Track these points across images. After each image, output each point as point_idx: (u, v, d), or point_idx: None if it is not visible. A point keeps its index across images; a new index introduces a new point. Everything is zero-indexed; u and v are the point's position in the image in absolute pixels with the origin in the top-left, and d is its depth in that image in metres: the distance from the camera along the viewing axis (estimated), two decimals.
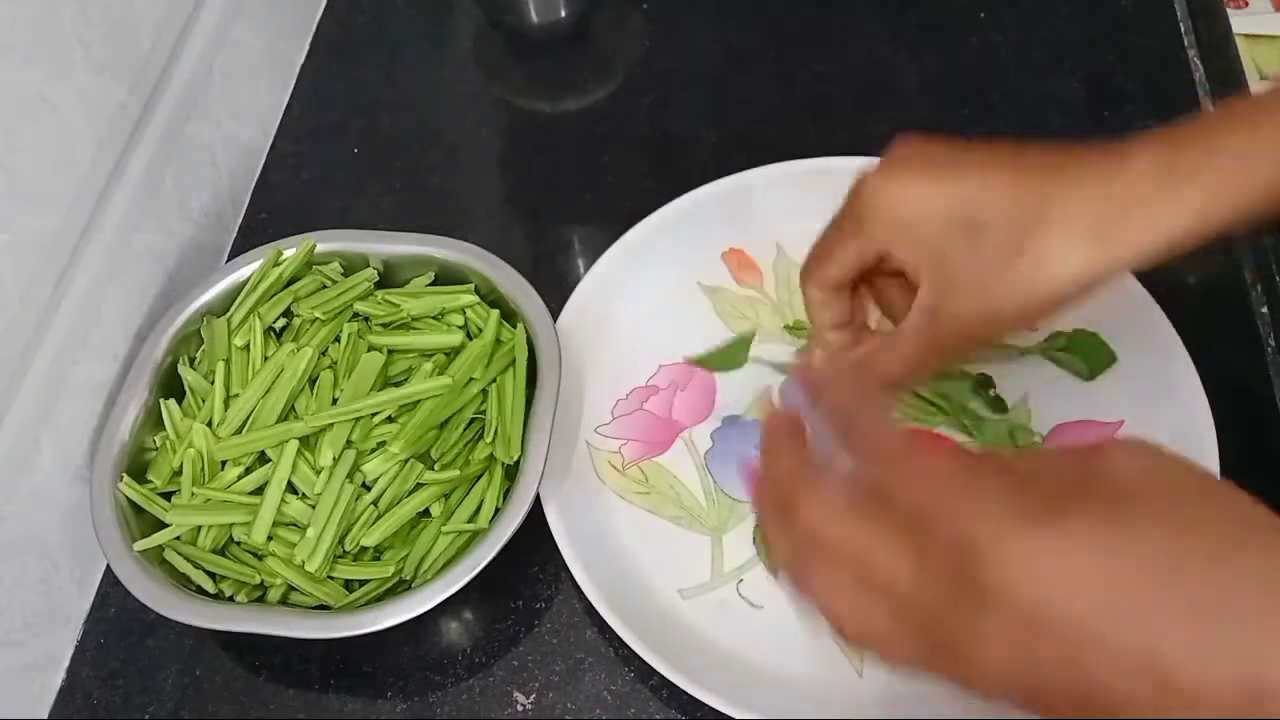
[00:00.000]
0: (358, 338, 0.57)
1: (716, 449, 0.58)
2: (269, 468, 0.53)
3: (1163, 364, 0.57)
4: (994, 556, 0.29)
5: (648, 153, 0.73)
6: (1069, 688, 0.28)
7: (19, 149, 0.50)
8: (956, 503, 0.30)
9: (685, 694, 0.49)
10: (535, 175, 0.73)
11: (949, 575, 0.30)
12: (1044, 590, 0.28)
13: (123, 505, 0.53)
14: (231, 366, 0.56)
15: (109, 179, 0.58)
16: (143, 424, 0.56)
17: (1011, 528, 0.29)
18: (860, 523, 0.32)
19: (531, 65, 0.80)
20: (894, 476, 0.33)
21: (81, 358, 0.55)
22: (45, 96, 0.52)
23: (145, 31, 0.60)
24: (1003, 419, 0.57)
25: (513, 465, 0.54)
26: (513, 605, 0.55)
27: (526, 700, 0.53)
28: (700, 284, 0.64)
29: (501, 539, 0.50)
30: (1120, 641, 0.27)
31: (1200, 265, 0.64)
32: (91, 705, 0.54)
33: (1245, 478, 0.52)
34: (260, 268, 0.60)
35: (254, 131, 0.74)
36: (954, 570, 0.30)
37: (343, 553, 0.52)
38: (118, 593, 0.57)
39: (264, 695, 0.54)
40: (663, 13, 0.80)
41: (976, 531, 0.29)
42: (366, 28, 0.83)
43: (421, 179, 0.73)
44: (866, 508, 0.33)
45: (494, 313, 0.58)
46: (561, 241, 0.70)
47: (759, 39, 0.78)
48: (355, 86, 0.79)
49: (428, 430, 0.54)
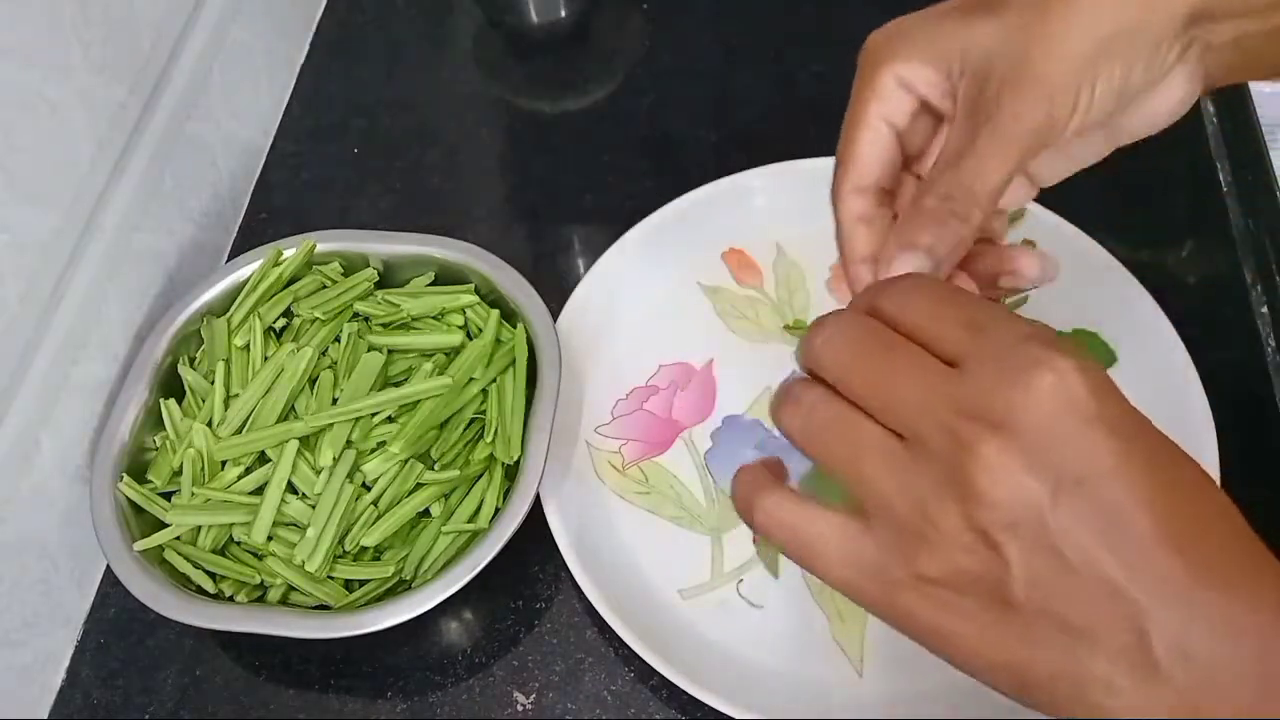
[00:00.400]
0: (358, 338, 0.57)
1: (716, 449, 0.58)
2: (269, 468, 0.53)
3: (1163, 364, 0.57)
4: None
5: (648, 153, 0.73)
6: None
7: (19, 149, 0.50)
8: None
9: (685, 694, 0.49)
10: (535, 175, 0.73)
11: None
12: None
13: (123, 505, 0.53)
14: (231, 366, 0.56)
15: (109, 179, 0.58)
16: (143, 424, 0.56)
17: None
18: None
19: (531, 65, 0.80)
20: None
21: (81, 358, 0.55)
22: (45, 96, 0.52)
23: (145, 31, 0.60)
24: None
25: (513, 465, 0.54)
26: (513, 605, 0.55)
27: (526, 700, 0.53)
28: (700, 284, 0.64)
29: (501, 539, 0.50)
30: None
31: (1200, 265, 0.64)
32: (91, 705, 0.54)
33: (1245, 478, 0.53)
34: (260, 268, 0.60)
35: (254, 131, 0.74)
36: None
37: (343, 553, 0.52)
38: (118, 593, 0.57)
39: (264, 695, 0.54)
40: (663, 13, 0.80)
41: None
42: (366, 28, 0.83)
43: (421, 179, 0.73)
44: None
45: (494, 313, 0.58)
46: (561, 241, 0.70)
47: (759, 39, 0.78)
48: (355, 86, 0.79)
49: (428, 430, 0.54)
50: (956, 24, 0.37)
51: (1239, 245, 0.64)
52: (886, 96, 0.39)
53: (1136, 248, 0.62)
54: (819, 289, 0.63)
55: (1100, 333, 0.59)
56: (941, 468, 0.30)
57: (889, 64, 0.39)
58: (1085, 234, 0.60)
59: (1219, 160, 0.68)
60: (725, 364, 0.61)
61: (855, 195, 0.40)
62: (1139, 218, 0.65)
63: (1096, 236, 0.60)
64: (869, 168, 0.40)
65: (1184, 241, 0.65)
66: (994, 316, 0.31)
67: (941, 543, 0.30)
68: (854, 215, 0.40)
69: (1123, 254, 0.60)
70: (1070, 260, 0.61)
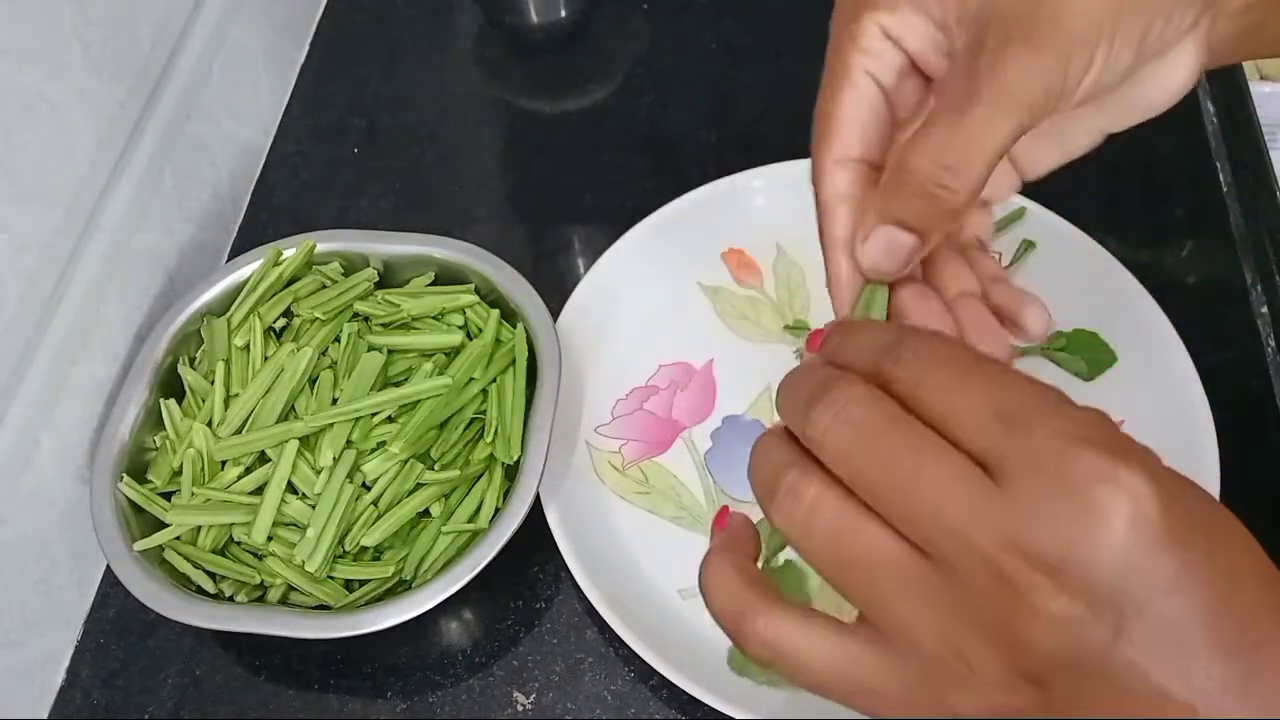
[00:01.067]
0: (358, 338, 0.57)
1: (716, 449, 0.58)
2: (269, 468, 0.53)
3: (1163, 364, 0.57)
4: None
5: (648, 153, 0.73)
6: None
7: (19, 149, 0.50)
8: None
9: (685, 694, 0.49)
10: (535, 175, 0.73)
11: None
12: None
13: (123, 505, 0.53)
14: (231, 366, 0.56)
15: (109, 179, 0.58)
16: (143, 424, 0.56)
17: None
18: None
19: (531, 65, 0.80)
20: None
21: (81, 358, 0.55)
22: (45, 96, 0.52)
23: (145, 31, 0.60)
24: None
25: (513, 465, 0.54)
26: (513, 605, 0.55)
27: (526, 700, 0.53)
28: (700, 284, 0.64)
29: (501, 539, 0.50)
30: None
31: (1200, 265, 0.64)
32: (91, 705, 0.54)
33: (1245, 478, 0.53)
34: (260, 268, 0.60)
35: (254, 131, 0.74)
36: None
37: (343, 553, 0.52)
38: (118, 593, 0.57)
39: (264, 695, 0.54)
40: (663, 13, 0.80)
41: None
42: (366, 28, 0.83)
43: (421, 179, 0.73)
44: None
45: (494, 313, 0.58)
46: (561, 241, 0.70)
47: (759, 39, 0.78)
48: (355, 86, 0.79)
49: (428, 430, 0.54)
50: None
51: (1239, 245, 0.64)
52: (871, 49, 0.33)
53: (1136, 248, 0.62)
54: (819, 289, 0.62)
55: (1100, 333, 0.59)
56: (982, 607, 0.25)
57: (871, 11, 0.33)
58: (1085, 234, 0.60)
59: (1219, 160, 0.68)
60: (725, 364, 0.61)
61: (838, 168, 0.35)
62: (1139, 218, 0.65)
63: (1096, 236, 0.60)
64: (853, 134, 0.34)
65: (1184, 241, 0.65)
66: (1033, 404, 0.27)
67: (979, 684, 0.26)
68: (836, 192, 0.34)
69: (1123, 254, 0.60)
70: (1070, 260, 0.61)
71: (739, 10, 0.80)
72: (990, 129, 0.30)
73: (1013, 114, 0.30)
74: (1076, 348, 0.58)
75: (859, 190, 0.34)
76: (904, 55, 0.34)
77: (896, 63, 0.34)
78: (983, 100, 0.30)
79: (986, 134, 0.30)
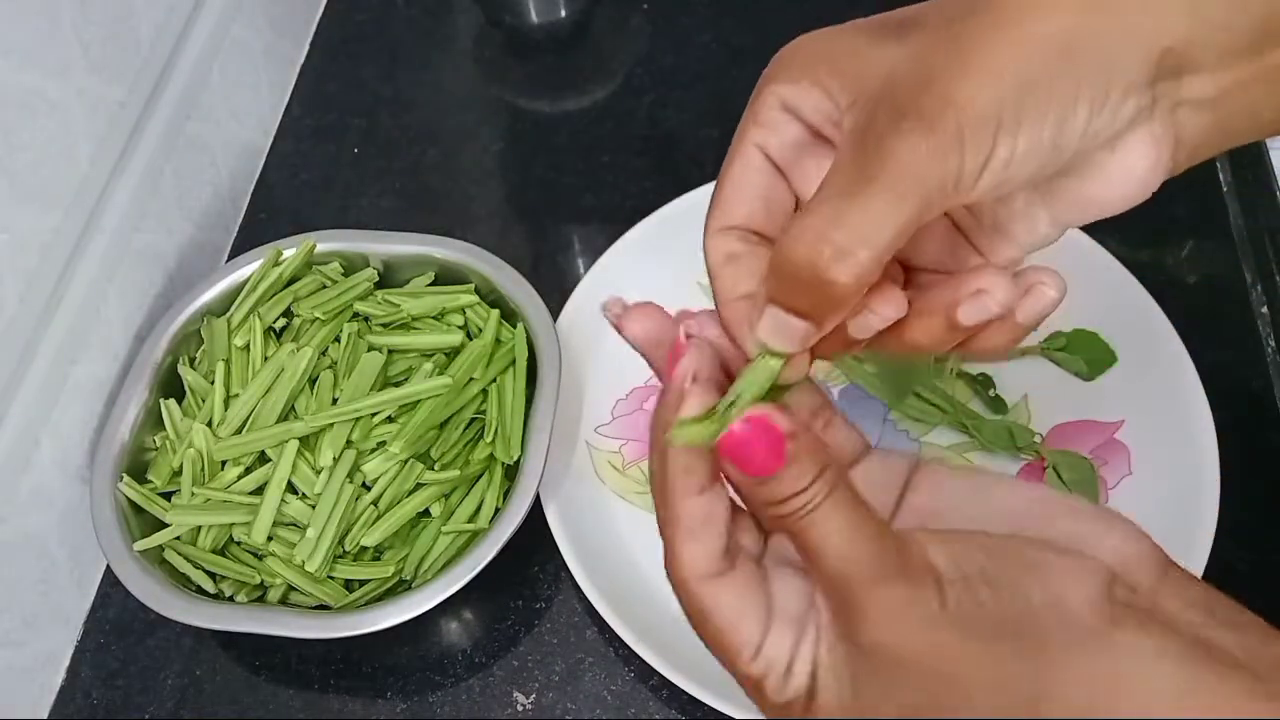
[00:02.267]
0: (358, 338, 0.57)
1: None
2: (269, 468, 0.53)
3: (1163, 364, 0.57)
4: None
5: (648, 153, 0.73)
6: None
7: (19, 149, 0.50)
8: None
9: (685, 694, 0.49)
10: (535, 175, 0.73)
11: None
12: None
13: (123, 505, 0.53)
14: (231, 366, 0.56)
15: (109, 178, 0.58)
16: (143, 424, 0.56)
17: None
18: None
19: (531, 65, 0.80)
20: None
21: (81, 358, 0.55)
22: (45, 96, 0.52)
23: (145, 31, 0.60)
24: (1003, 419, 0.57)
25: (513, 465, 0.54)
26: (513, 605, 0.55)
27: (526, 700, 0.53)
28: (700, 284, 0.64)
29: (501, 539, 0.50)
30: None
31: (1200, 265, 0.64)
32: (91, 705, 0.54)
33: (1245, 478, 0.53)
34: (260, 268, 0.60)
35: (254, 131, 0.74)
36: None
37: (343, 553, 0.52)
38: (118, 593, 0.57)
39: (264, 695, 0.54)
40: (663, 13, 0.80)
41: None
42: (366, 28, 0.83)
43: (421, 179, 0.73)
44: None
45: (494, 313, 0.58)
46: (561, 241, 0.70)
47: (759, 39, 0.78)
48: (355, 86, 0.79)
49: (428, 430, 0.54)
50: (864, 42, 0.31)
51: (1239, 245, 0.64)
52: (766, 122, 0.33)
53: (1136, 248, 0.62)
54: None
55: (1100, 333, 0.59)
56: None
57: (773, 84, 0.32)
58: (1085, 234, 0.60)
59: (1219, 160, 0.68)
60: None
61: (720, 236, 0.35)
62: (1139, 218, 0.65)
63: (1096, 236, 0.60)
64: (737, 204, 0.34)
65: (1184, 241, 0.65)
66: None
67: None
68: (721, 254, 0.35)
69: (1123, 254, 0.60)
70: (1070, 260, 0.61)
71: (739, 10, 0.80)
72: (875, 219, 0.27)
73: (902, 203, 0.27)
74: (1076, 348, 0.59)
75: (742, 249, 0.34)
76: (803, 126, 0.32)
77: (793, 135, 0.33)
78: (868, 187, 0.27)
79: (871, 224, 0.27)
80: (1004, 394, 0.58)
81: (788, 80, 0.32)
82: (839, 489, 0.28)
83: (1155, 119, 0.29)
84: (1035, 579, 0.27)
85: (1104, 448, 0.56)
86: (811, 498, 0.28)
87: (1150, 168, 0.30)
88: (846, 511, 0.28)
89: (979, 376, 0.58)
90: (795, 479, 0.28)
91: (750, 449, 0.28)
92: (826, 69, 0.31)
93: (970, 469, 0.32)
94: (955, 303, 0.31)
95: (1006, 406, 0.58)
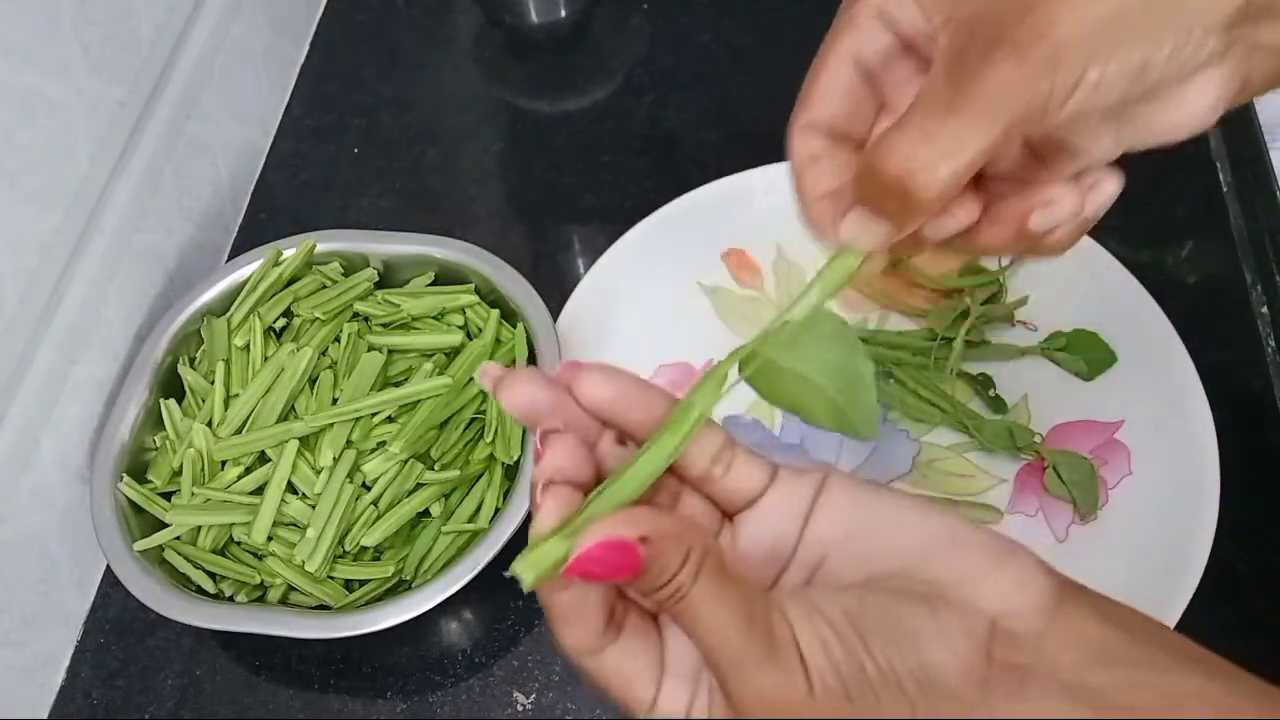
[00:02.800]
0: (358, 338, 0.57)
1: None
2: (269, 468, 0.53)
3: (1163, 364, 0.57)
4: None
5: (648, 153, 0.73)
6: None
7: (19, 149, 0.50)
8: None
9: None
10: (535, 175, 0.73)
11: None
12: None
13: (123, 505, 0.53)
14: (231, 366, 0.56)
15: (109, 178, 0.58)
16: (143, 424, 0.56)
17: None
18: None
19: (531, 65, 0.80)
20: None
21: (81, 358, 0.55)
22: (45, 96, 0.52)
23: (145, 31, 0.60)
24: (1003, 419, 0.57)
25: (513, 465, 0.54)
26: (513, 605, 0.55)
27: (526, 700, 0.53)
28: (700, 284, 0.64)
29: (501, 539, 0.50)
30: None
31: (1200, 265, 0.64)
32: (91, 705, 0.54)
33: (1245, 478, 0.53)
34: (260, 268, 0.60)
35: (254, 131, 0.74)
36: None
37: (343, 553, 0.52)
38: (118, 593, 0.57)
39: (264, 695, 0.54)
40: (663, 13, 0.80)
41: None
42: (366, 28, 0.83)
43: (421, 179, 0.73)
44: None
45: (494, 313, 0.58)
46: (561, 241, 0.70)
47: (759, 39, 0.78)
48: (355, 86, 0.79)
49: (428, 430, 0.54)
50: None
51: (1239, 245, 0.64)
52: (860, 29, 0.34)
53: (1136, 248, 0.62)
54: None
55: (1100, 333, 0.59)
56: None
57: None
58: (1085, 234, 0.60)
59: (1219, 160, 0.68)
60: None
61: (808, 132, 0.35)
62: (1139, 218, 0.65)
63: (1096, 236, 0.60)
64: (825, 103, 0.35)
65: (1184, 241, 0.65)
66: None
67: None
68: (805, 153, 0.35)
69: (1123, 254, 0.60)
70: (1070, 260, 0.61)
71: (739, 10, 0.80)
72: (963, 139, 0.29)
73: (987, 130, 0.29)
74: (1076, 348, 0.59)
75: (827, 149, 0.35)
76: (896, 37, 0.34)
77: (885, 43, 0.34)
78: (959, 108, 0.29)
79: (959, 144, 0.29)
80: (1004, 394, 0.58)
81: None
82: (707, 571, 0.28)
83: (1229, 59, 0.30)
84: (904, 650, 0.28)
85: (1104, 448, 0.56)
86: (678, 586, 0.28)
87: (1215, 102, 0.31)
88: (715, 595, 0.28)
89: (979, 376, 0.58)
90: (656, 577, 0.27)
91: (599, 567, 0.27)
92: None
93: (876, 488, 0.32)
94: (1028, 211, 0.33)
95: (1006, 406, 0.58)
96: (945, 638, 0.28)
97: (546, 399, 0.31)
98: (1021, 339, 0.60)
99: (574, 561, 0.27)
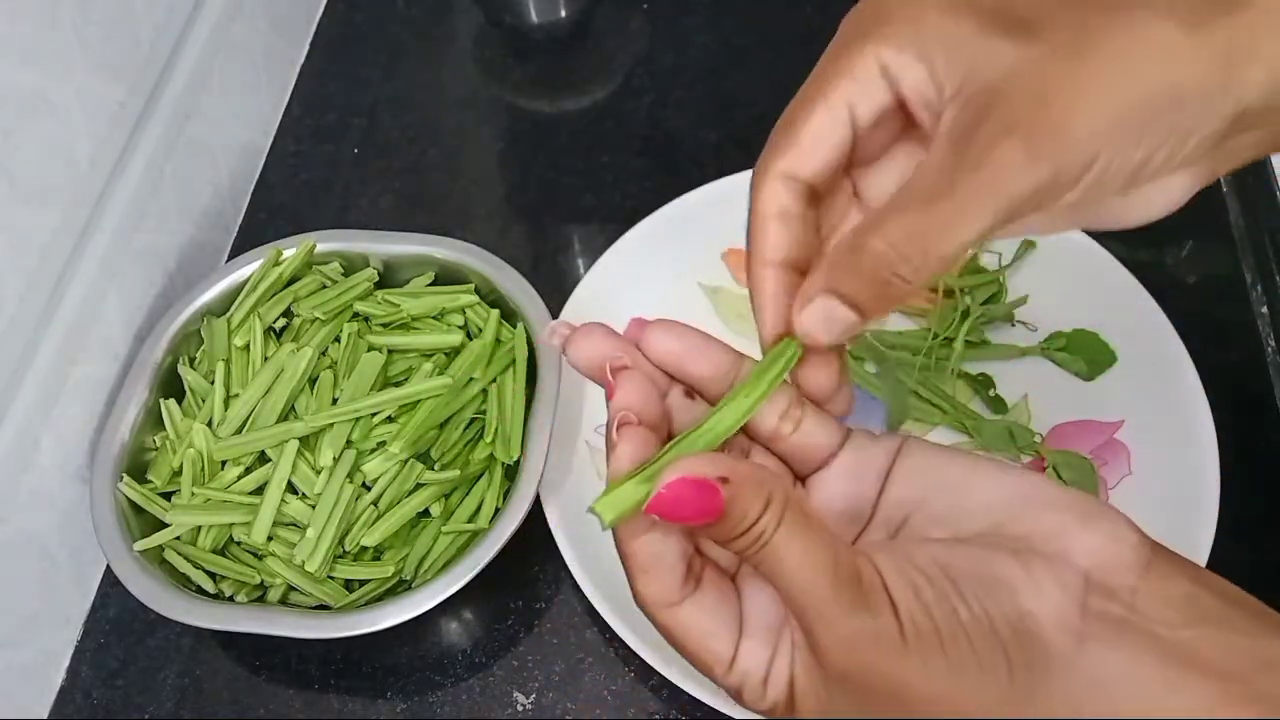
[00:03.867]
0: (358, 338, 0.57)
1: None
2: (269, 468, 0.53)
3: (1163, 364, 0.57)
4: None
5: (648, 153, 0.73)
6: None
7: (19, 149, 0.50)
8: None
9: (685, 694, 0.49)
10: (535, 175, 0.73)
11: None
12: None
13: (123, 505, 0.53)
14: (231, 366, 0.56)
15: (109, 179, 0.58)
16: (143, 424, 0.56)
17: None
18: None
19: (531, 65, 0.80)
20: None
21: (81, 358, 0.55)
22: (45, 96, 0.52)
23: (145, 31, 0.60)
24: (1003, 419, 0.57)
25: (513, 465, 0.54)
26: (513, 605, 0.55)
27: (526, 700, 0.53)
28: (700, 284, 0.64)
29: (501, 539, 0.50)
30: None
31: (1200, 265, 0.64)
32: (91, 705, 0.54)
33: (1245, 478, 0.53)
34: (260, 268, 0.60)
35: (254, 131, 0.74)
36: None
37: (343, 553, 0.52)
38: (118, 593, 0.57)
39: (264, 695, 0.54)
40: (663, 13, 0.80)
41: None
42: (366, 28, 0.83)
43: (421, 179, 0.73)
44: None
45: (494, 313, 0.58)
46: (561, 241, 0.70)
47: (759, 39, 0.78)
48: (355, 86, 0.79)
49: (428, 430, 0.54)
50: (973, 28, 0.29)
51: (1239, 245, 0.64)
52: (862, 80, 0.31)
53: (1136, 248, 0.62)
54: None
55: (1100, 333, 0.59)
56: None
57: (876, 44, 0.30)
58: (1085, 234, 0.60)
59: None
60: None
61: (782, 182, 0.32)
62: None
63: (1097, 236, 0.60)
64: (811, 155, 0.32)
65: (1184, 241, 0.65)
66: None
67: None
68: (774, 206, 0.32)
69: (1123, 254, 0.60)
70: (1070, 260, 0.61)
71: (739, 10, 0.80)
72: (961, 225, 0.28)
73: (991, 211, 0.28)
74: (1076, 348, 0.59)
75: (795, 208, 0.32)
76: (892, 97, 0.31)
77: (881, 102, 0.31)
78: (962, 193, 0.28)
79: (956, 229, 0.28)
80: (1004, 394, 0.58)
81: (893, 45, 0.30)
82: (790, 518, 0.27)
83: (1206, 160, 0.30)
84: (998, 597, 0.27)
85: (1104, 448, 0.56)
86: (760, 532, 0.27)
87: (1180, 198, 0.32)
88: (800, 541, 0.27)
89: (979, 376, 0.58)
90: (738, 522, 0.27)
91: (681, 507, 0.27)
92: (938, 48, 0.29)
93: (955, 451, 0.31)
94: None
95: (1006, 406, 0.58)
96: (1039, 587, 0.27)
97: (616, 353, 0.31)
98: (1021, 339, 0.60)
99: (655, 499, 0.27)
